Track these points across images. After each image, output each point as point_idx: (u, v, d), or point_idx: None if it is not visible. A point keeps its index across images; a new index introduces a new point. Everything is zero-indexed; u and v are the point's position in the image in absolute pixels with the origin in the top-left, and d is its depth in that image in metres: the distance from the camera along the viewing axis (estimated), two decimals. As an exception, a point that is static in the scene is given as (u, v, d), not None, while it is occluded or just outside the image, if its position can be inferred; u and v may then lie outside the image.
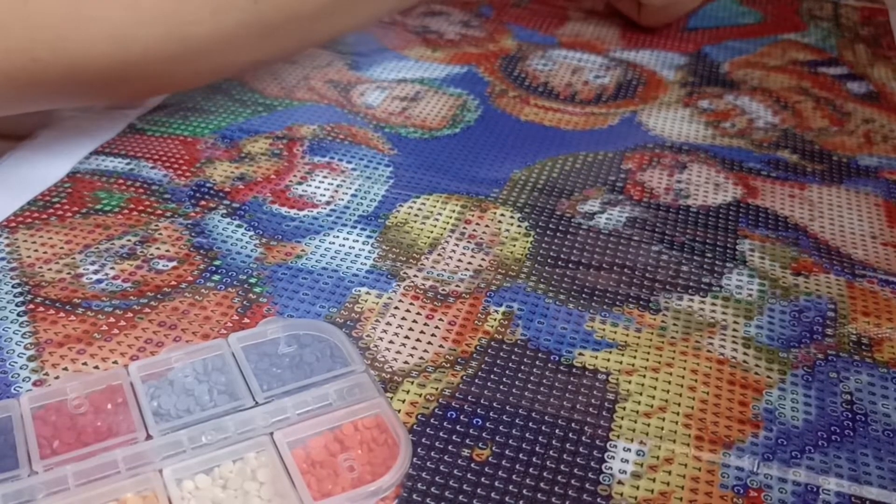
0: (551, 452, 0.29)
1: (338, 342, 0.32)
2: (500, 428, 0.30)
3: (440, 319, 0.34)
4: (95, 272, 0.36)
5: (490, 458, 0.29)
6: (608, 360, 0.33)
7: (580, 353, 0.33)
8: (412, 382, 0.32)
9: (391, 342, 0.33)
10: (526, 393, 0.31)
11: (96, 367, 0.31)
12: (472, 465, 0.29)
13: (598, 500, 0.28)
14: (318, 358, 0.31)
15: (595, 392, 0.32)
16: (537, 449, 0.29)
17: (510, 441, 0.30)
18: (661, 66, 0.56)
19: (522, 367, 0.33)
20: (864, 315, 0.36)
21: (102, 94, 0.42)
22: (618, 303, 0.36)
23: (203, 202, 0.40)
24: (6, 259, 0.36)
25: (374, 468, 0.28)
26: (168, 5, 0.37)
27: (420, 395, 0.31)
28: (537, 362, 0.33)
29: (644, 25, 0.58)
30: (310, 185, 0.42)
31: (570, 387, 0.32)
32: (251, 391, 0.30)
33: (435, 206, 0.41)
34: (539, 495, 0.28)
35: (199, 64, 0.41)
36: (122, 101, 0.45)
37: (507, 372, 0.32)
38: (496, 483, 0.28)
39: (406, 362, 0.32)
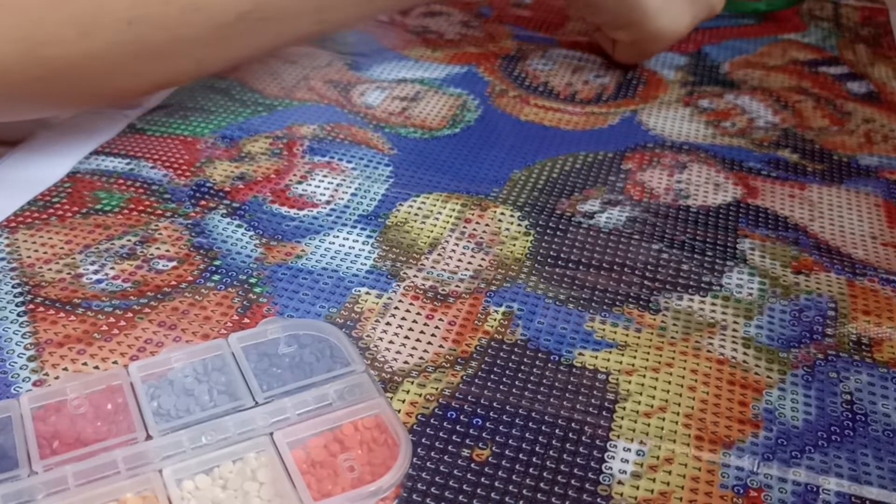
0: (551, 452, 0.29)
1: (338, 342, 0.32)
2: (500, 428, 0.30)
3: (440, 319, 0.34)
4: (95, 272, 0.36)
5: (490, 459, 0.29)
6: (608, 360, 0.33)
7: (580, 353, 0.33)
8: (412, 382, 0.32)
9: (391, 342, 0.33)
10: (526, 393, 0.31)
11: (96, 367, 0.31)
12: (472, 465, 0.29)
13: (598, 500, 0.28)
14: (317, 358, 0.31)
15: (595, 392, 0.32)
16: (537, 449, 0.29)
17: (510, 441, 0.30)
18: (662, 65, 0.56)
19: (522, 367, 0.33)
20: (864, 314, 0.36)
21: None
22: (618, 303, 0.36)
23: (203, 202, 0.40)
24: (6, 259, 0.36)
25: (374, 468, 0.28)
26: (24, 26, 0.36)
27: (420, 395, 0.31)
28: (537, 362, 0.33)
29: (618, 61, 0.55)
30: (310, 185, 0.42)
31: (570, 387, 0.32)
32: (251, 391, 0.30)
33: (435, 206, 0.41)
34: (539, 495, 0.28)
35: (76, 85, 0.39)
36: (11, 119, 0.43)
37: (507, 372, 0.32)
38: (496, 483, 0.28)
39: (406, 362, 0.32)
